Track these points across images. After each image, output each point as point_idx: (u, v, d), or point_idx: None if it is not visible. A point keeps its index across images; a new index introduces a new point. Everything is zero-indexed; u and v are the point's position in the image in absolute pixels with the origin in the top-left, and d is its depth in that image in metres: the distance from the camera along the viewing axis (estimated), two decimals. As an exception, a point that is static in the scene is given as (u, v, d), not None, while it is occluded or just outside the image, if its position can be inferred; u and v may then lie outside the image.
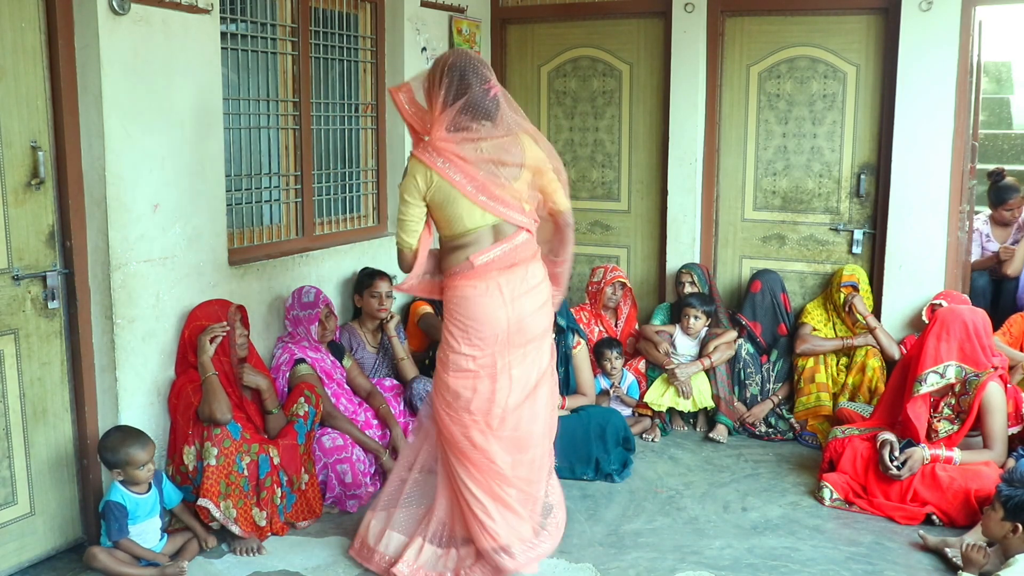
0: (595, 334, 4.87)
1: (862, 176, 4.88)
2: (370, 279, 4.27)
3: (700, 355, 4.72)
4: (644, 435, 4.61)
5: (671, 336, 4.83)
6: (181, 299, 3.52)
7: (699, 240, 5.20)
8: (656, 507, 3.81)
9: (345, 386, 4.02)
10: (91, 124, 3.16)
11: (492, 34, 5.51)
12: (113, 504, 3.10)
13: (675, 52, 5.08)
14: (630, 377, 4.77)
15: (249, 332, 3.66)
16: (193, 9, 3.45)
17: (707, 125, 5.11)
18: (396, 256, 3.12)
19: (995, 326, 4.18)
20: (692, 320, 4.74)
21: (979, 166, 5.81)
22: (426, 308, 4.61)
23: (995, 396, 3.63)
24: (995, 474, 3.46)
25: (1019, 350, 4.39)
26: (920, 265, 4.69)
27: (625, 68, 5.33)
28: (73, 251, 3.20)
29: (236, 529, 3.29)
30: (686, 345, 4.80)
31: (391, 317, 4.28)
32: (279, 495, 3.45)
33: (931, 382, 3.69)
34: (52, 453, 3.24)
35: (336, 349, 4.06)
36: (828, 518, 3.70)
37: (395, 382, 4.28)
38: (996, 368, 3.73)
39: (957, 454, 3.66)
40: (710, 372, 4.67)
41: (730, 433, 4.64)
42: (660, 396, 4.67)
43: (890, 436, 3.74)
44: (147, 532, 3.18)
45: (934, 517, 3.61)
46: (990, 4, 4.61)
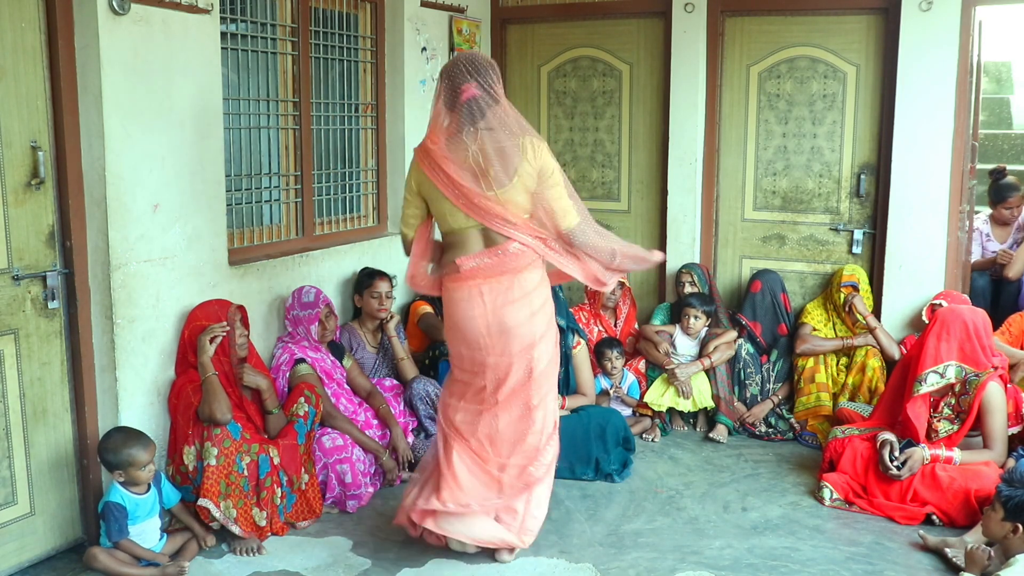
0: (594, 334, 4.87)
1: (862, 176, 4.88)
2: (370, 279, 4.27)
3: (700, 355, 4.72)
4: (644, 435, 4.61)
5: (671, 336, 4.83)
6: (181, 299, 3.52)
7: (699, 240, 5.20)
8: (656, 507, 3.81)
9: (345, 386, 4.02)
10: (91, 124, 3.16)
11: (492, 34, 5.51)
12: (112, 505, 3.10)
13: (675, 52, 5.08)
14: (631, 377, 4.76)
15: (249, 332, 3.66)
16: (193, 9, 3.45)
17: (707, 125, 5.11)
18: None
19: (995, 326, 4.18)
20: (692, 320, 4.74)
21: (979, 166, 5.81)
22: (426, 308, 4.61)
23: (995, 396, 3.63)
24: (995, 474, 3.46)
25: (1019, 349, 4.39)
26: (920, 265, 4.69)
27: (625, 68, 5.33)
28: (73, 251, 3.20)
29: (236, 529, 3.29)
30: (686, 345, 4.80)
31: (391, 317, 4.29)
32: (279, 495, 3.45)
33: (931, 382, 3.68)
34: (52, 453, 3.24)
35: (336, 349, 4.06)
36: (828, 518, 3.70)
37: (395, 382, 4.28)
38: (996, 368, 3.73)
39: (957, 454, 3.65)
40: (710, 372, 4.67)
41: (730, 433, 4.64)
42: (660, 396, 4.66)
43: (890, 436, 3.74)
44: (147, 532, 3.19)
45: (934, 517, 3.61)
46: (990, 4, 4.61)
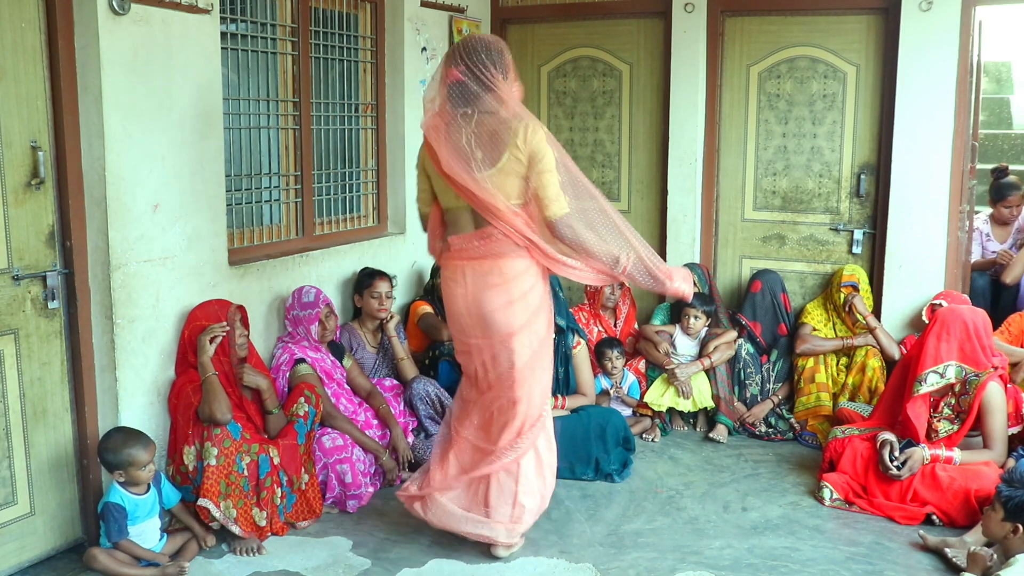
0: (594, 334, 4.87)
1: (862, 176, 4.88)
2: (370, 279, 4.27)
3: (700, 355, 4.72)
4: (644, 435, 4.61)
5: (671, 336, 4.83)
6: (181, 299, 3.52)
7: (699, 240, 5.20)
8: (656, 507, 3.81)
9: (345, 386, 4.02)
10: (91, 124, 3.15)
11: (492, 34, 5.50)
12: (112, 505, 3.10)
13: (675, 52, 5.08)
14: (631, 377, 4.76)
15: (249, 332, 3.66)
16: (193, 9, 3.45)
17: (707, 125, 5.11)
18: None
19: (995, 326, 4.18)
20: (692, 320, 4.74)
21: (979, 166, 5.82)
22: (426, 308, 4.60)
23: (995, 396, 3.63)
24: (995, 474, 3.46)
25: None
26: (920, 265, 4.69)
27: (625, 68, 5.33)
28: (73, 251, 3.20)
29: (236, 529, 3.29)
30: (686, 345, 4.80)
31: (391, 317, 4.28)
32: (279, 495, 3.45)
33: (931, 382, 3.68)
34: (52, 453, 3.24)
35: (336, 349, 4.06)
36: (828, 518, 3.70)
37: (395, 382, 4.28)
38: (996, 368, 3.73)
39: (957, 454, 3.65)
40: (710, 372, 4.67)
41: (730, 433, 4.63)
42: (660, 396, 4.66)
43: (890, 436, 3.74)
44: (146, 533, 3.18)
45: (934, 517, 3.61)
46: (990, 4, 4.61)
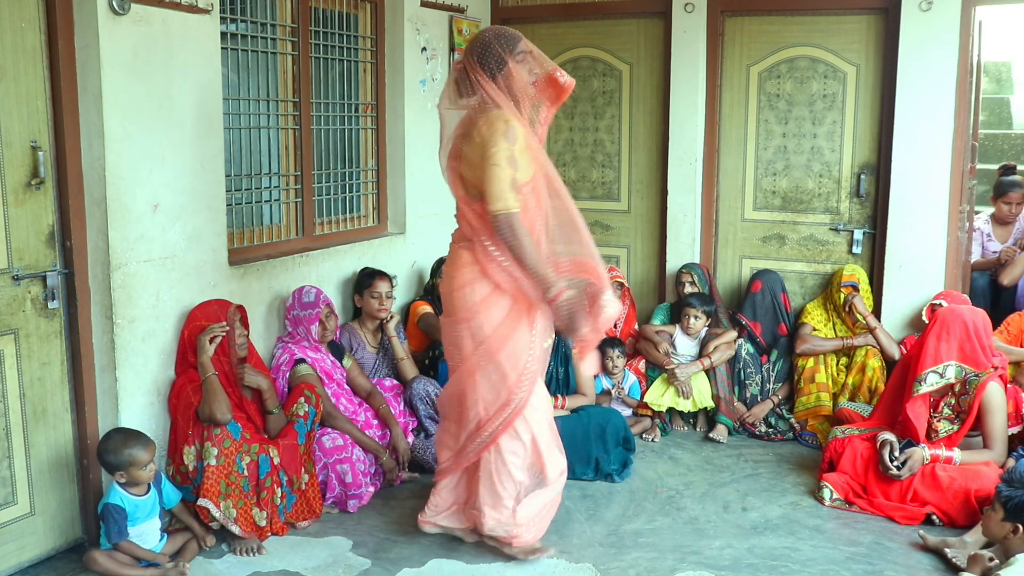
0: (595, 334, 4.87)
1: (862, 176, 4.88)
2: (370, 279, 4.27)
3: (700, 355, 4.72)
4: (644, 435, 4.61)
5: (671, 336, 4.83)
6: (181, 299, 3.52)
7: (699, 240, 5.20)
8: (656, 507, 3.81)
9: (345, 386, 4.02)
10: (91, 124, 3.15)
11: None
12: (112, 506, 3.09)
13: (675, 52, 5.08)
14: (632, 377, 4.76)
15: (249, 332, 3.66)
16: (193, 9, 3.45)
17: (707, 125, 5.11)
18: None
19: (995, 326, 4.18)
20: (692, 320, 4.74)
21: (980, 166, 5.82)
22: (426, 308, 4.61)
23: (995, 396, 3.63)
24: (995, 474, 3.46)
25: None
26: (920, 265, 4.69)
27: (625, 68, 5.33)
28: (73, 251, 3.20)
29: (236, 529, 3.29)
30: (686, 345, 4.80)
31: (391, 317, 4.28)
32: (279, 495, 3.45)
33: (931, 382, 3.68)
34: (52, 453, 3.24)
35: (336, 349, 4.06)
36: (828, 518, 3.70)
37: (395, 382, 4.28)
38: (996, 368, 3.73)
39: (957, 454, 3.65)
40: (710, 372, 4.67)
41: (730, 433, 4.63)
42: (660, 396, 4.66)
43: (890, 436, 3.74)
44: (147, 533, 3.18)
45: (934, 517, 3.61)
46: (990, 4, 4.61)
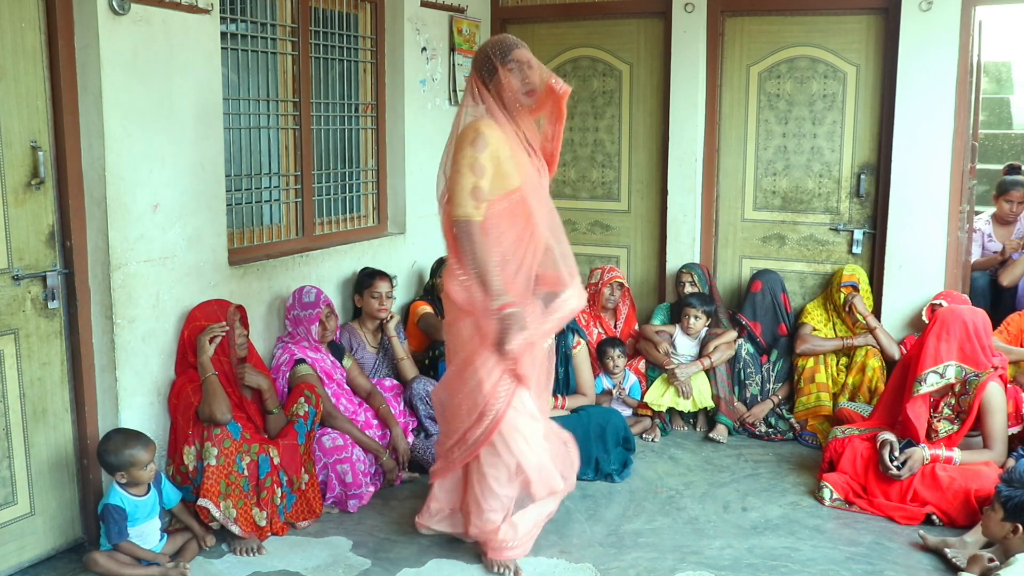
0: (594, 336, 4.87)
1: (862, 176, 4.88)
2: (370, 279, 4.27)
3: (700, 355, 4.72)
4: (644, 435, 4.61)
5: (671, 336, 4.82)
6: (181, 299, 3.52)
7: (699, 240, 5.20)
8: (656, 507, 3.81)
9: (345, 386, 4.02)
10: (91, 124, 3.16)
11: (492, 34, 5.50)
12: (112, 507, 3.09)
13: (675, 52, 5.08)
14: (632, 378, 4.76)
15: (248, 332, 3.66)
16: (193, 9, 3.45)
17: (707, 125, 5.11)
18: None
19: (994, 326, 4.18)
20: (692, 320, 4.74)
21: (980, 166, 5.82)
22: (426, 308, 4.61)
23: (995, 396, 3.63)
24: (995, 474, 3.46)
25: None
26: (920, 265, 4.69)
27: (625, 68, 5.33)
28: (73, 251, 3.20)
29: (236, 529, 3.29)
30: (686, 345, 4.80)
31: (391, 317, 4.29)
32: (279, 495, 3.45)
33: (931, 382, 3.68)
34: (52, 453, 3.24)
35: (336, 349, 4.06)
36: (828, 518, 3.70)
37: (395, 382, 4.28)
38: (996, 368, 3.73)
39: (957, 454, 3.65)
40: (710, 372, 4.67)
41: (730, 433, 4.63)
42: (660, 396, 4.66)
43: (890, 436, 3.74)
44: (147, 534, 3.18)
45: (934, 517, 3.61)
46: (990, 4, 4.61)
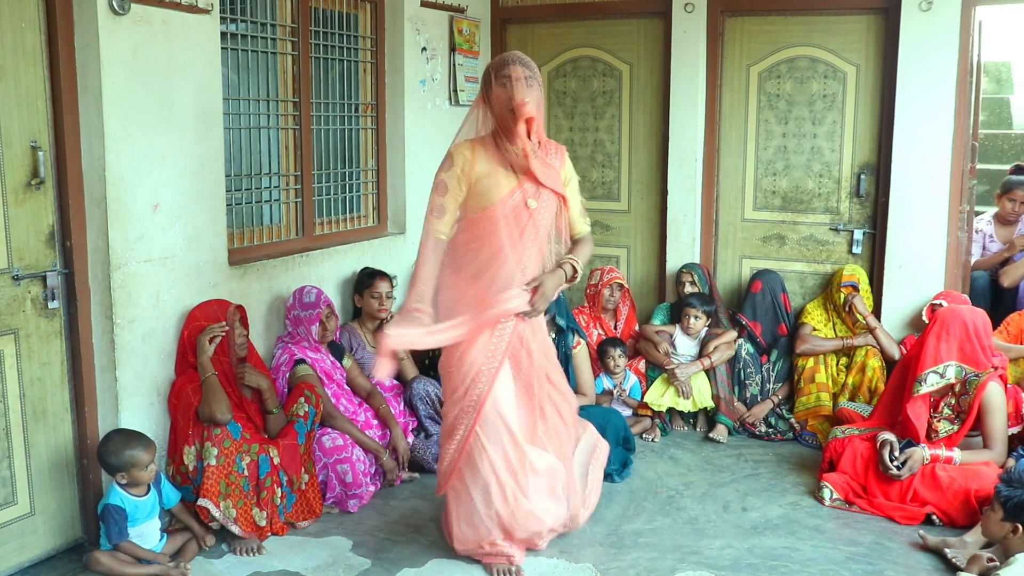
0: (594, 337, 4.86)
1: (862, 176, 4.88)
2: (370, 279, 4.27)
3: (700, 355, 4.72)
4: (644, 435, 4.61)
5: (671, 336, 4.82)
6: (181, 299, 3.52)
7: (699, 240, 5.20)
8: (656, 507, 3.81)
9: (345, 386, 4.02)
10: (91, 124, 3.16)
11: (492, 34, 5.51)
12: (112, 507, 3.09)
13: (675, 52, 5.08)
14: (633, 378, 4.76)
15: (248, 332, 3.66)
16: (193, 9, 3.45)
17: (707, 125, 5.11)
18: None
19: (994, 326, 4.18)
20: (692, 320, 4.74)
21: (980, 166, 5.82)
22: (426, 308, 4.60)
23: (995, 396, 3.63)
24: (995, 474, 3.45)
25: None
26: (920, 265, 4.69)
27: (625, 68, 5.33)
28: (73, 251, 3.20)
29: (236, 529, 3.29)
30: (686, 345, 4.80)
31: (391, 317, 4.29)
32: (279, 495, 3.45)
33: (931, 382, 3.68)
34: (52, 453, 3.24)
35: (336, 349, 4.06)
36: (828, 518, 3.70)
37: (395, 382, 4.28)
38: (996, 368, 3.73)
39: (957, 454, 3.65)
40: (710, 372, 4.67)
41: (730, 433, 4.64)
42: (660, 396, 4.66)
43: (890, 436, 3.74)
44: (147, 534, 3.18)
45: (934, 517, 3.61)
46: (990, 4, 4.61)
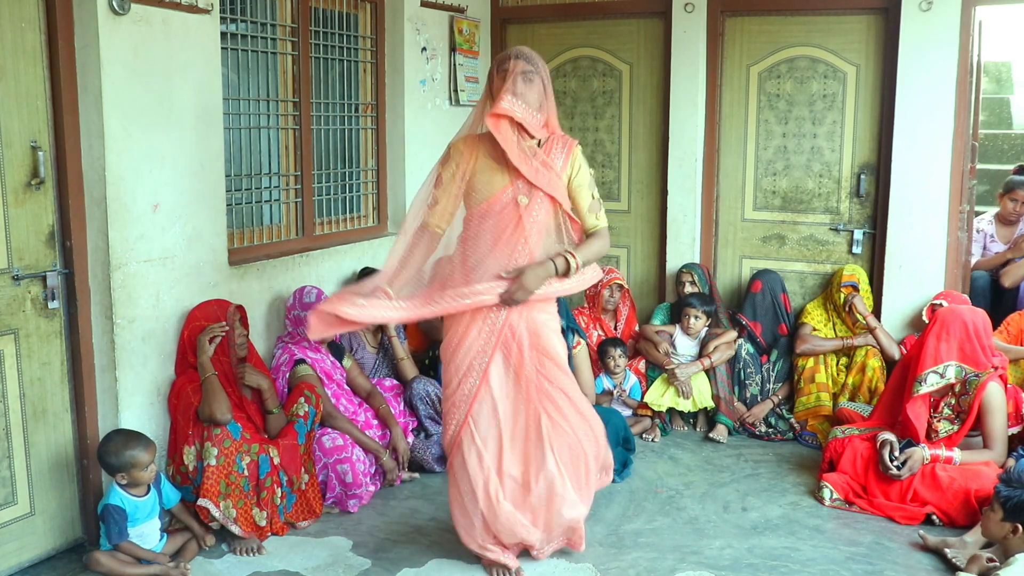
0: (594, 338, 4.86)
1: (862, 176, 4.88)
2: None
3: (700, 355, 4.72)
4: (644, 435, 4.61)
5: (671, 336, 4.83)
6: (181, 299, 3.52)
7: (699, 240, 5.20)
8: (656, 507, 3.81)
9: (345, 386, 4.02)
10: (91, 124, 3.16)
11: (492, 34, 5.51)
12: (112, 507, 3.09)
13: (675, 52, 5.08)
14: (633, 378, 4.76)
15: (248, 332, 3.66)
16: (193, 9, 3.45)
17: (707, 125, 5.11)
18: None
19: (994, 326, 4.18)
20: (692, 320, 4.74)
21: (979, 166, 5.81)
22: (426, 308, 4.59)
23: (995, 396, 3.63)
24: (995, 474, 3.45)
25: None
26: (920, 265, 4.69)
27: (625, 68, 5.33)
28: (73, 251, 3.20)
29: (236, 529, 3.29)
30: (686, 345, 4.80)
31: (391, 317, 4.28)
32: (279, 495, 3.45)
33: (931, 382, 3.68)
34: (52, 453, 3.24)
35: (336, 349, 4.06)
36: (828, 518, 3.70)
37: (395, 382, 4.28)
38: (996, 368, 3.73)
39: (957, 454, 3.65)
40: (710, 372, 4.67)
41: (730, 433, 4.64)
42: (660, 396, 4.66)
43: (890, 436, 3.74)
44: (146, 534, 3.18)
45: (934, 517, 3.61)
46: (990, 4, 4.61)
